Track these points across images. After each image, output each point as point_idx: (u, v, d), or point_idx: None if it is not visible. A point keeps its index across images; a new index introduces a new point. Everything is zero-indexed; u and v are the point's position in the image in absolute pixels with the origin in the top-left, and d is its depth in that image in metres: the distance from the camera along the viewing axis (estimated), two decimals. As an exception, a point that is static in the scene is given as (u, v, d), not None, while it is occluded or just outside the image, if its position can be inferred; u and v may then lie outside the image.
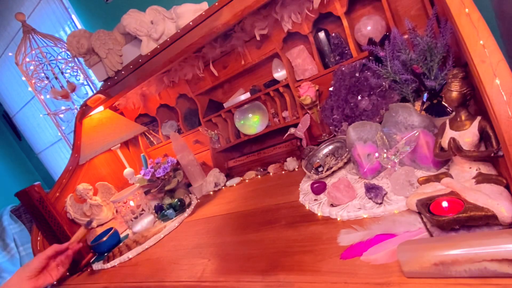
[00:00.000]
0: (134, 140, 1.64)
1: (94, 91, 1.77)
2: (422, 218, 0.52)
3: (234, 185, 1.21)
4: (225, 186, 1.24)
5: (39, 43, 2.03)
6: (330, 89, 0.98)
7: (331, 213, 0.67)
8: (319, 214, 0.70)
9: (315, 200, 0.76)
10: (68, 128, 2.42)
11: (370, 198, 0.64)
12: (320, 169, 0.90)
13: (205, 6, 1.10)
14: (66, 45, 1.74)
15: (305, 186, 0.87)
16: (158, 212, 1.16)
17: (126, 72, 1.18)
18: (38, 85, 2.14)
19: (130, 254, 0.97)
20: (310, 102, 1.04)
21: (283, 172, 1.11)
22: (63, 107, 2.24)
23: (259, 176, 1.18)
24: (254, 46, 1.18)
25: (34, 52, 2.03)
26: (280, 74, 1.19)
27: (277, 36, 1.10)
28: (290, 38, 1.11)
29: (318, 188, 0.77)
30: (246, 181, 1.20)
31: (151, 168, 1.25)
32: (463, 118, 0.54)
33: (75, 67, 2.19)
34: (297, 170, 1.06)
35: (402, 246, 0.44)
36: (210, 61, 1.26)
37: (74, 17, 2.38)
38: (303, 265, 0.55)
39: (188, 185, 1.34)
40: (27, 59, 2.04)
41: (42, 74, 2.12)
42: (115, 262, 0.97)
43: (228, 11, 0.90)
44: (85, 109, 1.34)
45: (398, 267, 0.44)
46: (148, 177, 1.23)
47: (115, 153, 1.51)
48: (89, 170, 1.40)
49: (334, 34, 1.02)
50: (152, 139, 1.59)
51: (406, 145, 0.62)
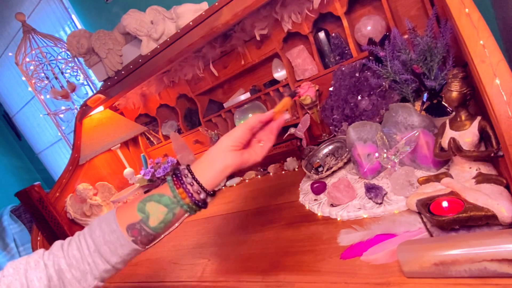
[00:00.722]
0: (134, 140, 1.64)
1: (94, 91, 1.77)
2: (422, 218, 0.52)
3: (234, 185, 1.21)
4: (225, 186, 1.24)
5: (39, 43, 2.03)
6: (330, 89, 0.98)
7: (331, 213, 0.67)
8: (319, 214, 0.70)
9: (315, 200, 0.76)
10: (68, 128, 2.42)
11: (370, 198, 0.64)
12: (320, 169, 0.90)
13: (205, 6, 1.10)
14: (66, 45, 1.74)
15: (305, 186, 0.87)
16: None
17: (126, 72, 1.18)
18: (38, 85, 2.14)
19: (130, 254, 0.97)
20: (310, 102, 1.04)
21: (283, 172, 1.11)
22: (63, 107, 2.24)
23: (259, 176, 1.18)
24: (254, 46, 1.18)
25: (34, 52, 2.03)
26: (280, 74, 1.19)
27: (277, 36, 1.10)
28: (290, 38, 1.11)
29: (318, 188, 0.77)
30: (246, 181, 1.20)
31: (151, 168, 1.25)
32: (463, 118, 0.54)
33: (75, 67, 2.19)
34: (297, 170, 1.07)
35: (402, 246, 0.44)
36: (210, 61, 1.26)
37: (74, 17, 2.38)
38: (303, 265, 0.55)
39: (188, 185, 1.34)
40: (27, 59, 2.04)
41: (42, 74, 2.12)
42: (115, 262, 0.97)
43: (228, 11, 0.90)
44: (85, 109, 1.34)
45: (398, 267, 0.44)
46: (148, 177, 1.23)
47: (115, 153, 1.51)
48: (89, 170, 1.40)
49: (334, 34, 1.02)
50: (152, 139, 1.59)
51: (406, 145, 0.62)
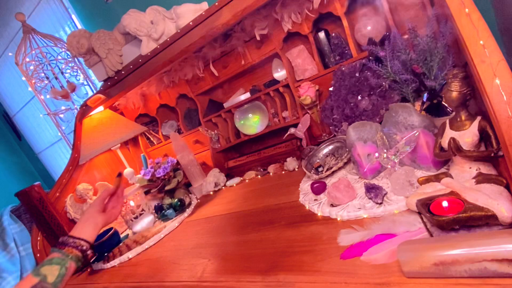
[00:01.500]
0: (134, 140, 1.64)
1: (94, 91, 1.77)
2: (422, 218, 0.52)
3: (234, 185, 1.21)
4: (225, 186, 1.24)
5: (39, 43, 2.03)
6: (330, 89, 0.98)
7: (331, 213, 0.67)
8: (319, 214, 0.70)
9: (315, 200, 0.76)
10: (68, 128, 2.42)
11: (370, 198, 0.64)
12: (320, 169, 0.90)
13: (205, 6, 1.10)
14: (66, 45, 1.74)
15: (305, 186, 0.87)
16: (158, 212, 1.16)
17: (126, 72, 1.18)
18: (38, 85, 2.13)
19: (130, 254, 0.97)
20: (310, 102, 1.04)
21: (283, 172, 1.11)
22: (63, 107, 2.24)
23: (259, 176, 1.18)
24: (254, 46, 1.18)
25: (34, 52, 2.03)
26: (280, 74, 1.19)
27: (277, 36, 1.10)
28: (290, 38, 1.11)
29: (318, 188, 0.77)
30: (246, 181, 1.20)
31: (151, 168, 1.25)
32: (463, 118, 0.54)
33: (75, 67, 2.19)
34: (297, 170, 1.06)
35: (402, 246, 0.44)
36: (210, 61, 1.26)
37: (74, 17, 2.38)
38: (303, 265, 0.55)
39: (188, 185, 1.34)
40: (27, 59, 2.04)
41: (42, 74, 2.12)
42: (115, 262, 0.97)
43: (228, 11, 0.90)
44: (85, 109, 1.34)
45: (398, 267, 0.44)
46: (148, 177, 1.23)
47: (115, 153, 1.51)
48: (89, 170, 1.40)
49: (334, 34, 1.02)
50: (152, 139, 1.59)
51: (406, 145, 0.62)
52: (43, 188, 1.09)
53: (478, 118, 0.52)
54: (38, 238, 1.13)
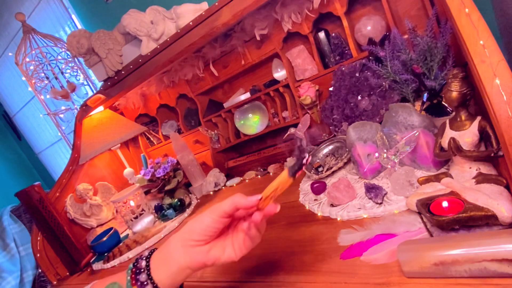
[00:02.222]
0: (134, 140, 1.64)
1: (94, 91, 1.77)
2: (422, 218, 0.52)
3: (234, 185, 1.21)
4: (225, 186, 1.24)
5: (39, 43, 2.03)
6: (330, 89, 0.98)
7: (331, 213, 0.67)
8: (319, 214, 0.70)
9: (315, 200, 0.76)
10: (68, 128, 2.42)
11: (370, 198, 0.64)
12: (320, 169, 0.90)
13: (205, 6, 1.10)
14: (66, 45, 1.74)
15: (305, 186, 0.87)
16: (158, 212, 1.16)
17: (126, 72, 1.18)
18: (38, 85, 2.14)
19: (130, 254, 0.97)
20: (310, 102, 1.04)
21: (283, 172, 1.11)
22: (63, 107, 2.24)
23: (259, 176, 1.18)
24: (254, 46, 1.18)
25: (34, 52, 2.03)
26: (280, 74, 1.19)
27: (277, 36, 1.10)
28: (290, 38, 1.11)
29: (318, 188, 0.77)
30: (246, 181, 1.20)
31: (151, 168, 1.25)
32: (463, 118, 0.54)
33: (75, 67, 2.19)
34: (297, 170, 1.06)
35: (402, 246, 0.44)
36: (210, 61, 1.26)
37: (74, 17, 2.38)
38: (303, 265, 0.55)
39: (188, 185, 1.34)
40: (27, 59, 2.04)
41: (42, 74, 2.12)
42: (115, 262, 0.97)
43: (228, 11, 0.90)
44: (85, 109, 1.34)
45: (398, 267, 0.44)
46: (148, 177, 1.23)
47: (115, 153, 1.51)
48: (89, 170, 1.40)
49: (334, 34, 1.02)
50: (152, 139, 1.59)
51: (406, 145, 0.62)
52: (43, 188, 1.09)
53: (478, 118, 0.52)
54: (38, 238, 1.13)
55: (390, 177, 0.64)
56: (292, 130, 1.07)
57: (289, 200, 0.85)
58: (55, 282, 0.82)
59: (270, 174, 1.15)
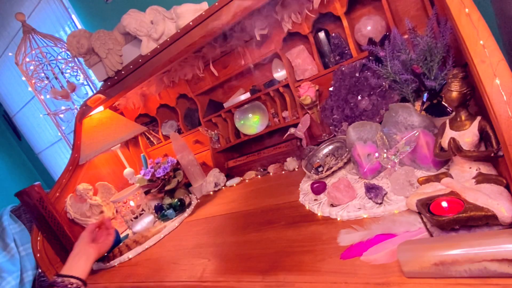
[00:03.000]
0: (134, 140, 1.64)
1: (94, 91, 1.77)
2: (422, 218, 0.52)
3: (234, 185, 1.21)
4: (225, 186, 1.24)
5: (39, 43, 2.03)
6: (330, 89, 0.98)
7: (331, 213, 0.67)
8: (319, 214, 0.70)
9: (315, 200, 0.76)
10: (68, 128, 2.42)
11: (370, 198, 0.64)
12: (320, 169, 0.90)
13: (205, 6, 1.10)
14: (66, 45, 1.74)
15: (305, 186, 0.87)
16: (158, 212, 1.16)
17: (126, 72, 1.18)
18: (38, 85, 2.13)
19: (130, 254, 0.97)
20: (310, 102, 1.04)
21: (283, 172, 1.11)
22: (63, 107, 2.24)
23: (259, 176, 1.18)
24: (254, 46, 1.18)
25: (34, 52, 2.02)
26: (280, 74, 1.19)
27: (277, 36, 1.10)
28: (290, 38, 1.11)
29: (318, 188, 0.77)
30: (246, 181, 1.20)
31: (151, 168, 1.25)
32: (463, 118, 0.54)
33: (75, 67, 2.19)
34: (297, 170, 1.06)
35: (402, 246, 0.44)
36: (210, 61, 1.26)
37: (74, 17, 2.38)
38: (303, 265, 0.55)
39: (188, 185, 1.34)
40: (27, 59, 2.04)
41: (42, 74, 2.12)
42: (115, 262, 0.97)
43: (228, 11, 0.90)
44: (85, 109, 1.34)
45: (398, 267, 0.44)
46: (148, 177, 1.23)
47: (115, 153, 1.51)
48: (89, 170, 1.40)
49: (334, 34, 1.02)
50: (152, 139, 1.59)
51: (406, 145, 0.62)
52: (43, 188, 1.09)
53: (478, 118, 0.52)
54: (38, 238, 1.13)
55: (390, 177, 0.64)
56: (292, 130, 1.07)
57: (289, 200, 0.85)
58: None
59: (270, 174, 1.15)
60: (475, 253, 0.37)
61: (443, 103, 0.70)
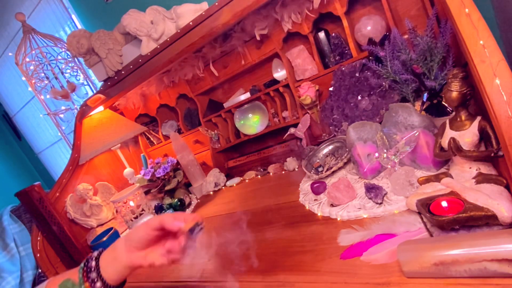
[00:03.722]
0: (134, 140, 1.64)
1: (94, 91, 1.77)
2: (422, 218, 0.52)
3: (234, 185, 1.21)
4: (225, 186, 1.24)
5: (39, 43, 2.03)
6: (330, 89, 0.98)
7: (331, 213, 0.67)
8: (319, 214, 0.70)
9: (315, 200, 0.76)
10: (68, 128, 2.42)
11: (370, 198, 0.64)
12: (320, 169, 0.90)
13: (205, 6, 1.10)
14: (66, 45, 1.74)
15: (305, 186, 0.87)
16: (158, 212, 1.16)
17: (126, 72, 1.18)
18: (38, 85, 2.13)
19: (130, 254, 0.97)
20: (310, 102, 1.04)
21: (283, 172, 1.11)
22: (63, 107, 2.24)
23: (259, 176, 1.18)
24: (254, 46, 1.18)
25: (34, 52, 2.02)
26: (280, 74, 1.19)
27: (277, 36, 1.10)
28: (290, 38, 1.11)
29: (318, 188, 0.77)
30: (246, 181, 1.20)
31: (151, 168, 1.25)
32: (463, 118, 0.54)
33: (75, 67, 2.19)
34: (297, 170, 1.06)
35: (402, 246, 0.44)
36: (210, 61, 1.26)
37: (74, 17, 2.38)
38: (303, 265, 0.55)
39: (188, 185, 1.34)
40: (27, 59, 2.04)
41: (42, 74, 2.12)
42: (115, 262, 0.96)
43: (228, 11, 0.90)
44: (85, 109, 1.34)
45: (398, 267, 0.44)
46: (148, 177, 1.23)
47: (115, 153, 1.51)
48: (89, 170, 1.40)
49: (334, 34, 1.02)
50: (152, 139, 1.59)
51: (406, 145, 0.62)
52: (43, 188, 1.09)
53: (478, 118, 0.52)
54: (38, 238, 1.13)
55: (390, 177, 0.64)
56: (292, 130, 1.07)
57: (289, 200, 0.85)
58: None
59: (270, 174, 1.15)
60: (475, 253, 0.37)
61: (443, 103, 0.70)
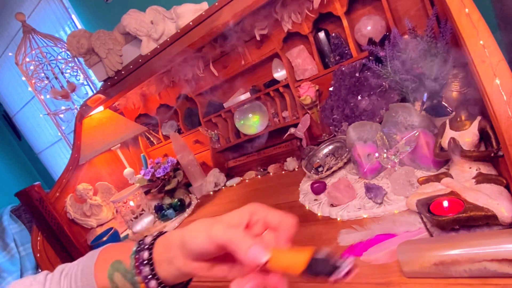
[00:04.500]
0: (134, 140, 1.64)
1: (94, 91, 1.77)
2: (422, 218, 0.52)
3: (234, 185, 1.21)
4: (225, 186, 1.24)
5: (39, 43, 2.03)
6: (330, 89, 0.98)
7: (331, 213, 0.67)
8: (319, 214, 0.70)
9: (315, 200, 0.76)
10: (68, 128, 2.42)
11: (370, 198, 0.64)
12: (320, 169, 0.90)
13: (205, 6, 1.10)
14: (66, 45, 1.74)
15: (305, 186, 0.87)
16: (158, 212, 1.16)
17: (126, 72, 1.18)
18: (38, 85, 2.13)
19: (130, 254, 0.97)
20: (310, 102, 1.04)
21: (283, 172, 1.11)
22: (63, 107, 2.24)
23: (259, 176, 1.18)
24: (254, 46, 1.18)
25: (34, 52, 2.02)
26: (280, 74, 1.19)
27: (277, 36, 1.10)
28: (290, 38, 1.11)
29: (318, 188, 0.77)
30: (246, 181, 1.20)
31: (151, 168, 1.25)
32: (463, 118, 0.54)
33: (75, 67, 2.19)
34: (297, 170, 1.06)
35: (402, 246, 0.43)
36: (210, 61, 1.26)
37: (74, 17, 2.38)
38: (303, 265, 0.55)
39: (188, 185, 1.34)
40: (27, 59, 2.04)
41: (42, 74, 2.12)
42: (115, 262, 0.96)
43: (228, 11, 0.90)
44: (85, 109, 1.34)
45: (398, 267, 0.44)
46: (148, 177, 1.23)
47: (115, 153, 1.51)
48: (89, 170, 1.40)
49: (334, 34, 1.02)
50: (152, 139, 1.59)
51: (406, 145, 0.62)
52: (43, 188, 1.09)
53: (478, 118, 0.52)
54: (38, 238, 1.13)
55: (390, 177, 0.64)
56: (292, 130, 1.07)
57: (289, 200, 0.85)
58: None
59: (270, 174, 1.15)
60: (475, 253, 0.37)
61: (443, 103, 0.70)
